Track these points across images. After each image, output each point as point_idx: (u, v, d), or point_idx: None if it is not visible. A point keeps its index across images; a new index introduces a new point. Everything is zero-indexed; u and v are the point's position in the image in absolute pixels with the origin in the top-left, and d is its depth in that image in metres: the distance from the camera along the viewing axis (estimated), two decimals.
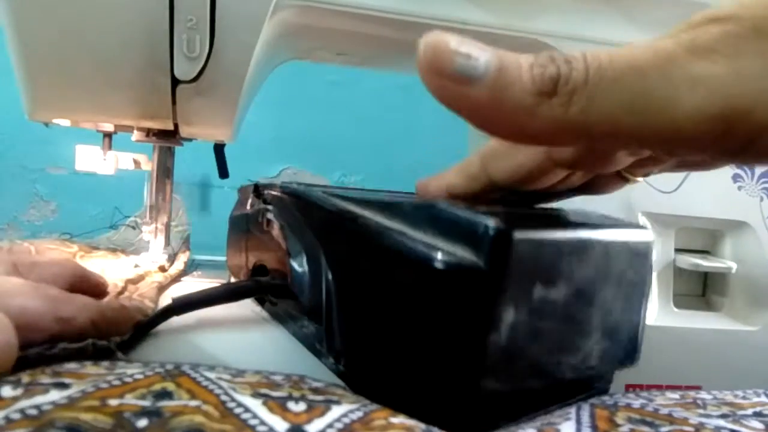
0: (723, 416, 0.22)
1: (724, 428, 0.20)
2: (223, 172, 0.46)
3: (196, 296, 0.30)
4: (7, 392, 0.18)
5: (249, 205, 0.34)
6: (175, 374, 0.20)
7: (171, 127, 0.38)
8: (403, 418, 0.19)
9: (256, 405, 0.18)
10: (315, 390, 0.21)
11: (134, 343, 0.27)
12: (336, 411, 0.19)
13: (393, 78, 0.87)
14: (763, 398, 0.25)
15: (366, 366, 0.24)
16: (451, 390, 0.20)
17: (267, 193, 0.32)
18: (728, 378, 0.41)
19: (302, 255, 0.27)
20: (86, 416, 0.16)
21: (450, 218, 0.21)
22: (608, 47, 0.17)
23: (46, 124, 0.38)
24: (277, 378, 0.22)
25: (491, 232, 0.19)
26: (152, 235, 0.44)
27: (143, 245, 0.46)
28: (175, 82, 0.34)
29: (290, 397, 0.20)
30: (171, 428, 0.16)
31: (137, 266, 0.41)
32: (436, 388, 0.21)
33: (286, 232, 0.29)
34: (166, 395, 0.18)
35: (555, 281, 0.21)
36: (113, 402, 0.17)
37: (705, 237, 0.45)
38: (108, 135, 0.40)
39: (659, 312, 0.41)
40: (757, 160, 0.18)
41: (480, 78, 0.17)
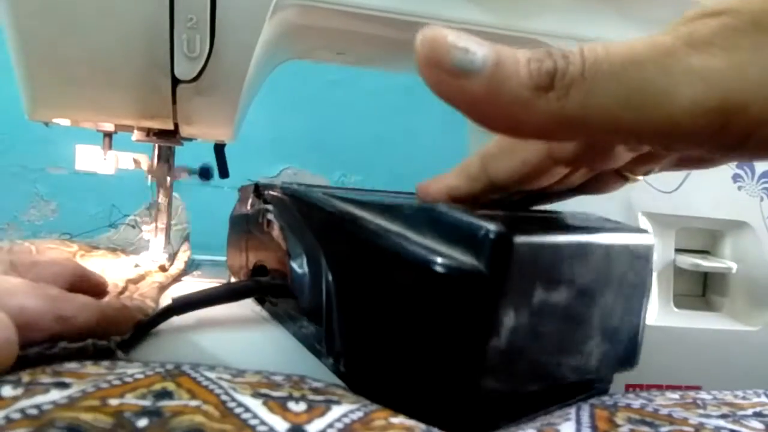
0: (723, 416, 0.22)
1: (724, 428, 0.20)
2: (224, 172, 0.46)
3: (196, 296, 0.30)
4: (8, 392, 0.18)
5: (249, 205, 0.34)
6: (176, 374, 0.20)
7: (171, 127, 0.38)
8: (403, 419, 0.19)
9: (257, 405, 0.18)
10: (315, 390, 0.21)
11: (134, 343, 0.27)
12: (336, 411, 0.19)
13: (393, 78, 0.86)
14: (763, 398, 0.25)
15: (366, 367, 0.24)
16: (452, 391, 0.20)
17: (267, 194, 0.32)
18: (728, 378, 0.41)
19: (302, 256, 0.27)
20: (86, 416, 0.16)
21: (450, 222, 0.21)
22: None
23: (46, 124, 0.38)
24: (278, 378, 0.22)
25: (492, 236, 0.19)
26: (152, 235, 0.44)
27: (143, 244, 0.46)
28: (176, 82, 0.34)
29: (290, 397, 0.20)
30: (171, 428, 0.16)
31: (137, 266, 0.41)
32: (437, 389, 0.21)
33: (287, 233, 0.29)
34: (167, 395, 0.18)
35: (555, 285, 0.21)
36: (113, 402, 0.17)
37: (705, 237, 0.45)
38: (108, 135, 0.40)
39: (659, 312, 0.41)
40: (755, 155, 0.17)
41: (477, 72, 0.17)
